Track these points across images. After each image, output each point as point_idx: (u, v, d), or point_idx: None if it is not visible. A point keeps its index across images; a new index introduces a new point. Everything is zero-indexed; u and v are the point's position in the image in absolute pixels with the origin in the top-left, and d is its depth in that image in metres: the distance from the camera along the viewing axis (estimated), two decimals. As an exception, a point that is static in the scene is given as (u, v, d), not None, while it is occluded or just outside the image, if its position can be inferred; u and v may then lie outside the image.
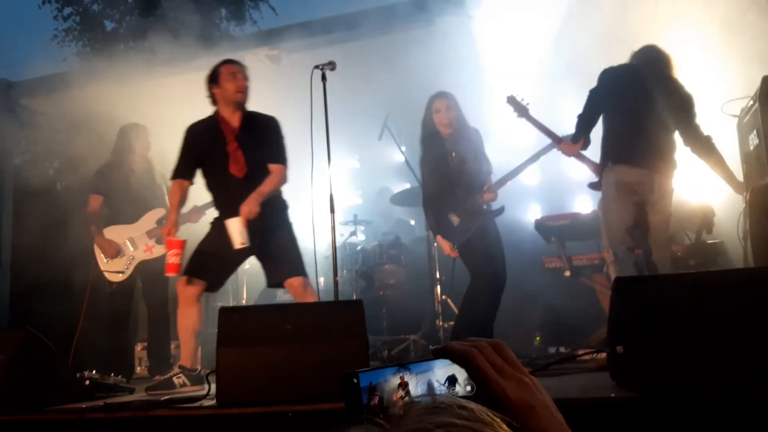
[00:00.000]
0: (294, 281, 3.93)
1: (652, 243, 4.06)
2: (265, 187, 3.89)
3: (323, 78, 4.09)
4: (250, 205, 3.77)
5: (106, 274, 5.14)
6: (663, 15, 5.19)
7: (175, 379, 3.84)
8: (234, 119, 4.05)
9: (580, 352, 3.59)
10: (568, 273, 4.88)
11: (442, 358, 0.77)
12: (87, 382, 3.45)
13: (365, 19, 5.64)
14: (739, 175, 4.19)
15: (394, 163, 7.35)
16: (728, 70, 4.88)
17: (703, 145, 4.08)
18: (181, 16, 7.19)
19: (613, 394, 2.24)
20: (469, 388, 0.76)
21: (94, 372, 3.75)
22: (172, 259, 3.89)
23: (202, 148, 4.07)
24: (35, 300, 6.51)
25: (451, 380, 0.77)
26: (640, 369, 2.23)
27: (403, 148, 5.73)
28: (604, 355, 2.96)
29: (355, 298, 5.85)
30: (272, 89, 6.14)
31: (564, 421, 0.72)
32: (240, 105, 4.07)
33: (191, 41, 6.03)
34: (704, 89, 5.11)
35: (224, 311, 2.86)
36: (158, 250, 5.18)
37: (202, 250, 3.98)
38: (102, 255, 5.13)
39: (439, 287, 5.38)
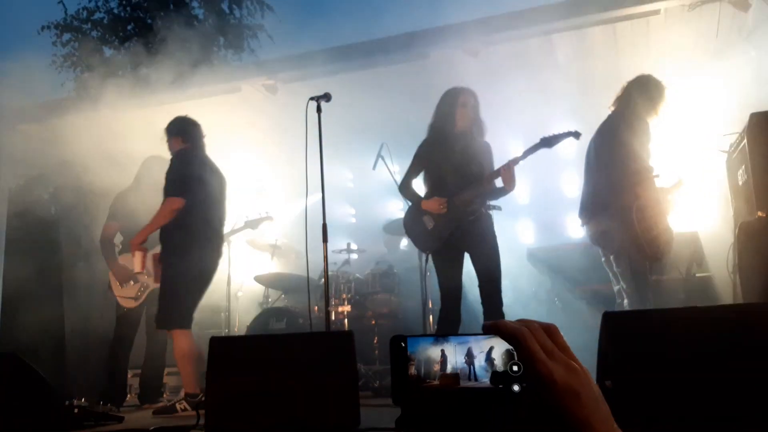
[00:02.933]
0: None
1: None
2: (151, 222, 4.48)
3: (318, 109, 4.13)
4: (134, 238, 4.50)
5: (120, 300, 5.14)
6: (654, 55, 5.30)
7: (177, 405, 3.99)
8: None
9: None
10: None
11: (492, 334, 0.76)
12: (76, 411, 3.43)
13: (361, 52, 5.72)
14: (728, 210, 4.24)
15: (388, 193, 7.39)
16: (718, 106, 4.97)
17: None
18: (180, 44, 7.27)
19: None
20: (516, 368, 0.76)
21: (83, 400, 3.72)
22: None
23: None
24: (25, 324, 6.46)
25: (492, 356, 0.78)
26: (627, 404, 2.24)
27: (397, 178, 5.77)
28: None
29: (347, 327, 5.84)
30: (268, 118, 6.22)
31: (610, 413, 0.70)
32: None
33: (189, 69, 6.09)
34: (694, 125, 5.20)
35: (215, 341, 2.86)
36: None
37: None
38: (116, 281, 5.16)
39: (431, 316, 5.38)
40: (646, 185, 4.03)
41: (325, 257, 4.11)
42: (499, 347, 0.78)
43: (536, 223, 7.06)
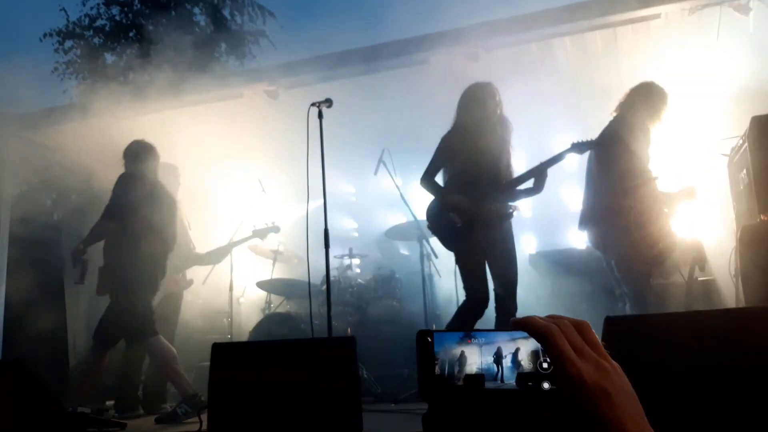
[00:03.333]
0: None
1: None
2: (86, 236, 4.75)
3: (320, 115, 4.13)
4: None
5: None
6: (655, 59, 5.30)
7: (178, 410, 4.04)
8: None
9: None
10: None
11: (521, 330, 0.73)
12: (79, 418, 3.43)
13: (362, 57, 5.73)
14: (730, 213, 4.24)
15: (390, 198, 7.39)
16: (719, 110, 4.97)
17: None
18: (182, 51, 7.29)
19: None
20: (546, 365, 0.73)
21: (87, 407, 3.73)
22: None
23: None
24: (28, 331, 6.47)
25: (522, 354, 0.75)
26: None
27: (399, 183, 5.78)
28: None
29: (349, 332, 5.84)
30: (270, 124, 6.23)
31: (642, 413, 0.68)
32: None
33: (191, 75, 6.11)
34: (696, 129, 5.20)
35: (217, 347, 2.87)
36: (183, 284, 5.35)
37: None
38: None
39: (434, 324, 5.38)
40: (645, 190, 4.02)
41: (327, 263, 4.11)
42: (526, 347, 0.75)
43: (539, 236, 7.04)
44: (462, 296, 4.30)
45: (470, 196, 4.19)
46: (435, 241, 4.83)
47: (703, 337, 2.32)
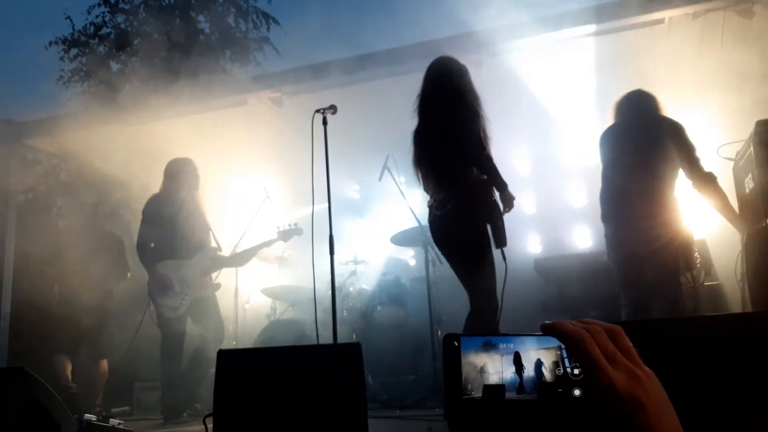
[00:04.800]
0: None
1: None
2: None
3: (324, 122, 4.14)
4: None
5: (162, 309, 5.06)
6: (659, 64, 5.30)
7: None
8: None
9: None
10: None
11: (549, 335, 0.70)
12: (84, 425, 3.43)
13: (366, 64, 5.74)
14: (736, 218, 4.22)
15: (395, 204, 7.39)
16: (724, 114, 4.97)
17: (705, 181, 4.03)
18: (186, 58, 7.33)
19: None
20: (577, 371, 0.69)
21: (92, 414, 3.73)
22: None
23: None
24: (34, 339, 6.48)
25: (545, 362, 0.71)
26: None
27: (404, 189, 5.78)
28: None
29: (354, 338, 5.83)
30: (274, 131, 6.25)
31: (678, 424, 0.66)
32: None
33: (196, 83, 6.14)
34: (701, 132, 5.19)
35: (222, 354, 2.87)
36: (213, 288, 5.27)
37: None
38: (156, 290, 5.07)
39: (440, 331, 5.37)
40: (648, 196, 3.99)
41: (332, 269, 4.11)
42: (549, 356, 0.71)
43: (543, 234, 7.03)
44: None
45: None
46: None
47: (710, 342, 2.31)
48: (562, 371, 0.70)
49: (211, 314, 5.20)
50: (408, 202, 5.58)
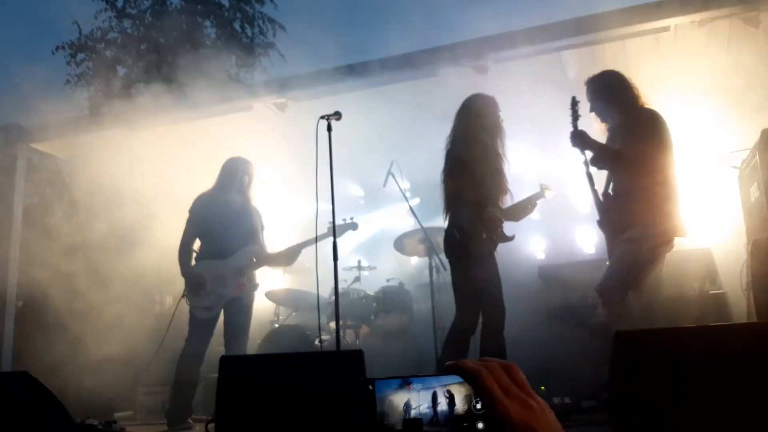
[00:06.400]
0: None
1: None
2: None
3: (329, 128, 4.14)
4: None
5: (194, 310, 4.95)
6: (664, 71, 5.29)
7: None
8: None
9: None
10: None
11: (453, 374, 0.78)
12: (87, 430, 3.43)
13: (370, 70, 5.75)
14: (741, 227, 4.20)
15: (399, 210, 7.39)
16: (729, 122, 4.95)
17: None
18: (192, 63, 7.35)
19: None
20: (479, 406, 0.77)
21: (95, 419, 3.73)
22: None
23: None
24: (39, 340, 6.50)
25: (454, 398, 0.78)
26: (639, 423, 2.21)
27: (408, 194, 5.78)
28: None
29: (357, 344, 5.82)
30: (279, 137, 6.25)
31: None
32: None
33: (202, 88, 6.15)
34: (707, 142, 5.18)
35: (225, 360, 2.87)
36: (250, 288, 5.14)
37: None
38: (189, 290, 4.96)
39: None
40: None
41: (336, 275, 4.10)
42: (461, 390, 0.78)
43: (548, 239, 7.00)
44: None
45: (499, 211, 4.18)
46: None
47: (715, 352, 2.30)
48: (466, 407, 0.78)
49: (236, 321, 5.06)
50: (412, 208, 5.57)
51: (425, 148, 4.69)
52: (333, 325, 5.57)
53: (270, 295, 6.54)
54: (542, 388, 5.42)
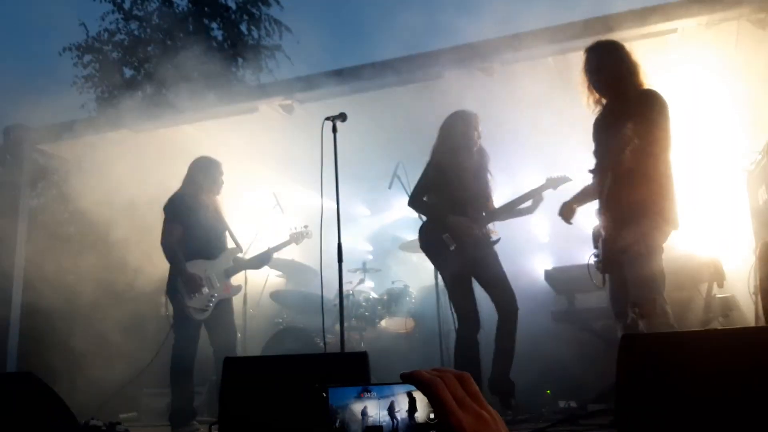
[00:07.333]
0: None
1: None
2: None
3: (334, 129, 4.14)
4: None
5: (190, 311, 4.88)
6: (671, 73, 5.26)
7: None
8: None
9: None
10: None
11: (409, 383, 0.77)
12: (92, 431, 3.43)
13: (376, 72, 5.73)
14: (749, 229, 4.17)
15: (404, 211, 7.38)
16: (738, 125, 4.92)
17: None
18: (199, 65, 7.36)
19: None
20: (432, 415, 0.77)
21: (99, 420, 3.73)
22: None
23: None
24: (44, 340, 6.52)
25: (414, 406, 0.78)
26: (645, 427, 2.19)
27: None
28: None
29: (362, 346, 5.81)
30: (285, 138, 6.25)
31: None
32: None
33: (208, 90, 6.15)
34: (715, 144, 5.14)
35: (228, 361, 2.86)
36: (234, 290, 5.23)
37: None
38: (186, 290, 4.88)
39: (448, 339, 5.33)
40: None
41: (340, 277, 4.09)
42: (420, 399, 0.78)
43: (553, 245, 6.95)
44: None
45: (476, 218, 4.42)
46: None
47: (722, 356, 2.28)
48: (427, 415, 0.78)
49: (225, 321, 5.09)
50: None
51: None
52: (338, 326, 5.58)
53: (274, 296, 6.54)
54: (548, 392, 5.40)
